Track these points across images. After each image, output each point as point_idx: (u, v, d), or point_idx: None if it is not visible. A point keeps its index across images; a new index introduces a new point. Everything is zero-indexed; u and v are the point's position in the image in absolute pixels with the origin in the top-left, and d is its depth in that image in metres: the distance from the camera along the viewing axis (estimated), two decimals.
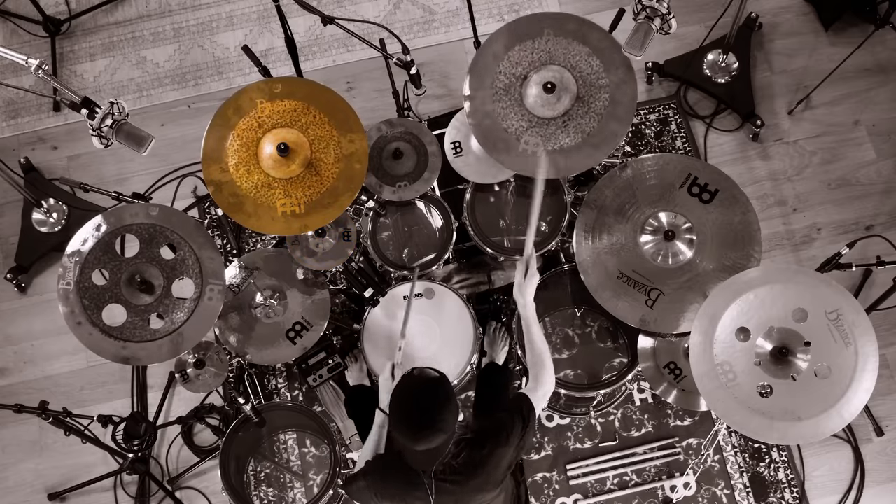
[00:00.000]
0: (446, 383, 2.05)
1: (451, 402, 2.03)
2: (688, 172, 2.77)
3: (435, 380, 2.05)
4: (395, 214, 3.06)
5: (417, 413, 2.00)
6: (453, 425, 2.05)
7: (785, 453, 3.23)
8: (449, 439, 2.08)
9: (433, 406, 2.00)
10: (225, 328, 2.87)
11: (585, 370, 3.09)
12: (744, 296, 2.43)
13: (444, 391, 2.02)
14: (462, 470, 2.12)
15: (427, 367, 2.07)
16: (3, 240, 3.62)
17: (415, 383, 2.05)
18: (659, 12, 2.45)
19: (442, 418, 2.00)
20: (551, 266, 3.06)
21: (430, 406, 2.00)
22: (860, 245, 2.86)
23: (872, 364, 2.34)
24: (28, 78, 3.81)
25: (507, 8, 3.89)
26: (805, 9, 3.83)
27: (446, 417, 2.01)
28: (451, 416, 2.02)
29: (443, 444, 2.06)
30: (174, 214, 2.65)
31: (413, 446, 2.03)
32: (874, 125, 3.64)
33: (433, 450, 2.06)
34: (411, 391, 2.04)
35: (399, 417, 2.04)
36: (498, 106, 2.66)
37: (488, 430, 2.18)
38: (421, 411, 2.00)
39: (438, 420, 2.00)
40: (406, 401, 2.04)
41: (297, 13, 3.10)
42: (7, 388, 3.44)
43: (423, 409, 2.00)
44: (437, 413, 2.00)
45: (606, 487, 3.20)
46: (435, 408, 2.00)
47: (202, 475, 3.30)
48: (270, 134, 2.59)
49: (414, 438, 2.01)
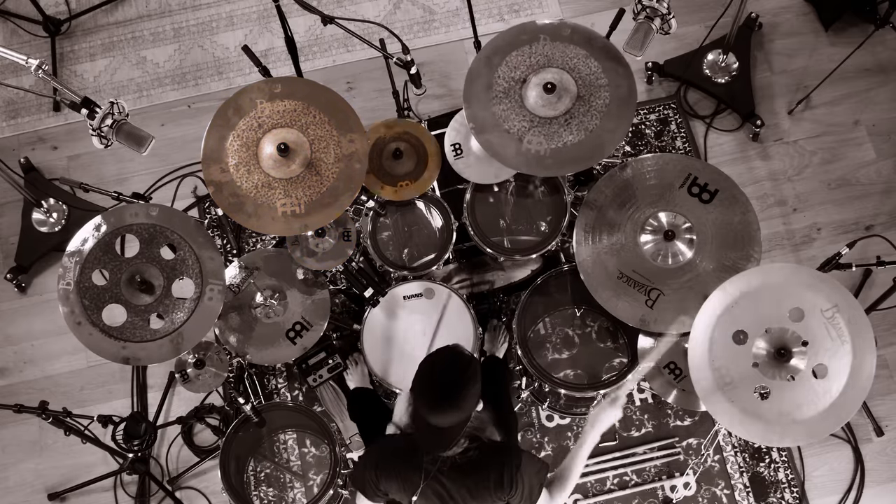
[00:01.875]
0: (476, 365, 2.08)
1: (475, 384, 2.05)
2: (688, 172, 2.77)
3: (467, 357, 2.07)
4: (395, 214, 3.06)
5: (443, 382, 2.02)
6: (470, 409, 2.07)
7: (785, 453, 3.23)
8: (462, 423, 2.08)
9: (459, 380, 2.02)
10: (225, 328, 2.88)
11: (585, 370, 3.09)
12: (742, 296, 2.43)
13: (473, 371, 2.05)
14: (462, 469, 2.13)
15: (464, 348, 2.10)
16: (3, 240, 3.62)
17: (448, 353, 2.08)
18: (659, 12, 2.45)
19: (464, 395, 2.02)
20: (551, 266, 3.06)
21: (457, 379, 2.02)
22: (860, 245, 2.86)
23: (870, 360, 2.33)
24: (28, 78, 3.82)
25: (507, 8, 3.89)
26: (805, 9, 3.83)
27: (468, 396, 2.03)
28: (472, 397, 2.04)
29: (454, 426, 2.06)
30: (174, 214, 2.65)
31: (427, 416, 2.03)
32: (874, 125, 3.64)
33: (444, 430, 2.07)
34: (443, 360, 2.07)
35: (424, 383, 2.05)
36: (499, 108, 2.66)
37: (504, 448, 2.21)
38: (447, 381, 2.02)
39: (460, 396, 2.01)
40: (435, 367, 2.06)
41: (297, 13, 3.11)
42: (7, 388, 3.44)
43: (449, 380, 2.02)
44: (462, 388, 2.02)
45: (606, 487, 3.20)
46: (460, 382, 2.02)
47: (202, 475, 3.30)
48: (270, 134, 2.59)
49: (431, 407, 2.02)
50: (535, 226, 3.02)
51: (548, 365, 3.11)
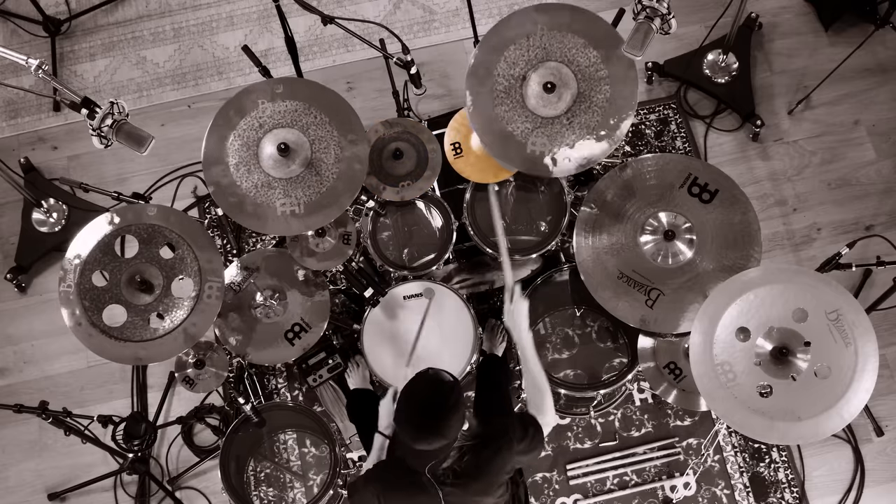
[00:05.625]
0: (458, 391, 2.03)
1: (458, 411, 2.01)
2: (688, 172, 2.77)
3: (449, 384, 2.03)
4: (395, 214, 3.06)
5: (424, 412, 1.99)
6: (455, 434, 2.05)
7: (785, 453, 3.23)
8: (448, 445, 2.07)
9: (441, 409, 1.99)
10: (225, 328, 2.87)
11: (585, 370, 3.09)
12: (744, 296, 2.43)
13: (454, 398, 2.01)
14: (465, 473, 2.12)
15: (444, 371, 2.05)
16: (3, 240, 3.62)
17: (428, 382, 2.04)
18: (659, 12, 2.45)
19: (446, 424, 1.99)
20: (551, 266, 3.06)
21: (438, 409, 1.99)
22: (860, 245, 2.86)
23: (872, 364, 2.34)
24: (28, 78, 3.81)
25: (508, 8, 3.89)
26: (805, 9, 3.83)
27: (451, 424, 2.00)
28: (455, 423, 2.01)
29: (441, 448, 2.05)
30: (172, 214, 2.66)
31: (412, 444, 2.03)
32: (874, 125, 3.64)
33: (430, 452, 2.06)
34: (423, 390, 2.03)
35: (405, 413, 2.02)
36: (501, 110, 2.65)
37: (492, 434, 2.18)
38: (428, 412, 1.99)
39: (442, 425, 1.99)
40: (415, 398, 2.02)
41: (297, 13, 3.10)
42: (7, 388, 3.44)
43: (430, 411, 1.99)
44: (443, 418, 1.98)
45: (606, 487, 3.20)
46: (443, 411, 1.99)
47: (202, 475, 3.30)
48: (270, 134, 2.59)
49: (414, 436, 2.01)
50: (535, 226, 3.02)
51: (548, 365, 3.11)
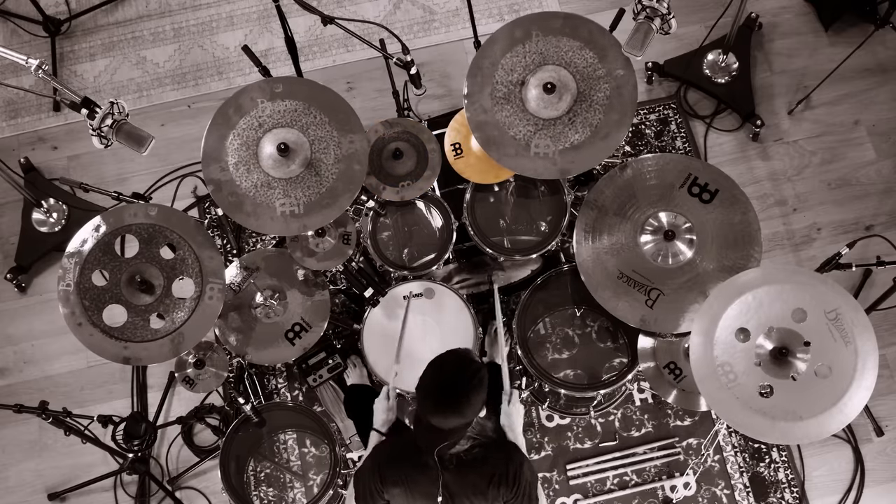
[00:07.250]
0: (485, 373, 2.06)
1: (480, 392, 2.03)
2: (688, 172, 2.77)
3: (477, 363, 2.06)
4: (395, 214, 3.06)
5: (448, 385, 2.01)
6: (472, 416, 2.06)
7: (785, 453, 3.23)
8: (462, 428, 2.08)
9: (465, 386, 2.01)
10: (225, 328, 2.87)
11: (585, 370, 3.09)
12: (744, 296, 2.43)
13: (480, 378, 2.03)
14: (469, 464, 2.13)
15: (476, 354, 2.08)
16: (3, 240, 3.62)
17: (458, 357, 2.07)
18: (659, 12, 2.45)
19: (467, 401, 2.00)
20: (551, 266, 3.06)
21: (463, 385, 2.01)
22: (860, 245, 2.86)
23: (872, 363, 2.34)
24: (28, 78, 3.81)
25: (508, 8, 3.89)
26: (805, 9, 3.83)
27: (472, 402, 2.01)
28: (476, 403, 2.03)
29: (454, 429, 2.06)
30: (173, 214, 2.66)
31: (429, 416, 2.03)
32: (874, 125, 3.64)
33: (444, 432, 2.06)
34: (453, 363, 2.06)
35: (430, 382, 2.04)
36: (502, 115, 2.65)
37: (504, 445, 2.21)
38: (452, 386, 2.01)
39: (463, 402, 2.00)
40: (444, 371, 2.04)
41: (297, 13, 3.10)
42: (7, 388, 3.44)
43: (455, 385, 2.01)
44: (465, 395, 2.00)
45: (606, 487, 3.20)
46: (466, 389, 2.00)
47: (202, 475, 3.30)
48: (270, 134, 2.59)
49: (434, 409, 2.01)
50: (535, 226, 3.02)
51: (548, 365, 3.11)
